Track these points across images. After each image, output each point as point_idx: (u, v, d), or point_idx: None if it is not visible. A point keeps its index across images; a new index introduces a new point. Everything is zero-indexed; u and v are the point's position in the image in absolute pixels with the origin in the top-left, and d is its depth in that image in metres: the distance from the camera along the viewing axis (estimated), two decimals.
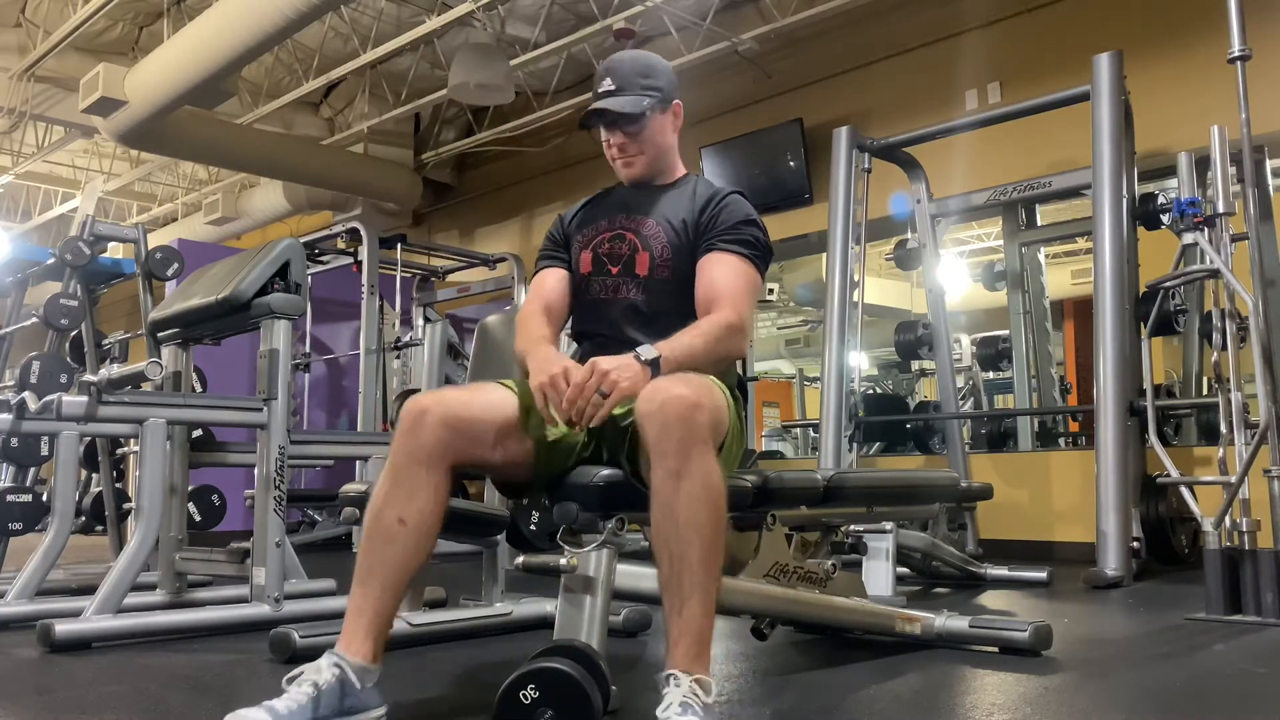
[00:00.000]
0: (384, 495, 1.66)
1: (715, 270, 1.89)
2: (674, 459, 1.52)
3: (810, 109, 6.50)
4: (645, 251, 1.95)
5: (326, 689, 1.54)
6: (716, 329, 1.78)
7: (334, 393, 7.72)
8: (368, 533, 1.66)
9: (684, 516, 1.52)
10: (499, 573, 2.79)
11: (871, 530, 3.23)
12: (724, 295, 1.84)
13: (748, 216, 1.95)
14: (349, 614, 1.63)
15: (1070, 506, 5.02)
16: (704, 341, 1.75)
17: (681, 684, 1.48)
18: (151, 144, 7.15)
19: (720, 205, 1.95)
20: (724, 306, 1.83)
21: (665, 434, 1.52)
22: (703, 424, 1.53)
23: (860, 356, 5.45)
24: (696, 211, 1.95)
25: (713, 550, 1.54)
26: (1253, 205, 3.22)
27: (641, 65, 1.98)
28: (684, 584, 1.52)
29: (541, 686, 1.48)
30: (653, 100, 1.95)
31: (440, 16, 6.09)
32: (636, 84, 1.94)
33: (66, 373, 3.88)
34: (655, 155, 2.00)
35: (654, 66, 2.00)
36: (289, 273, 2.89)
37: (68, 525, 3.08)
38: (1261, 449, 2.96)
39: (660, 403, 1.54)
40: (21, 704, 1.97)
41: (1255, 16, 3.46)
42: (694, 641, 1.51)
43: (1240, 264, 3.27)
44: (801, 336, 13.44)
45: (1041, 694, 1.97)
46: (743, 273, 1.89)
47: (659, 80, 1.97)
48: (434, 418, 1.66)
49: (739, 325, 1.81)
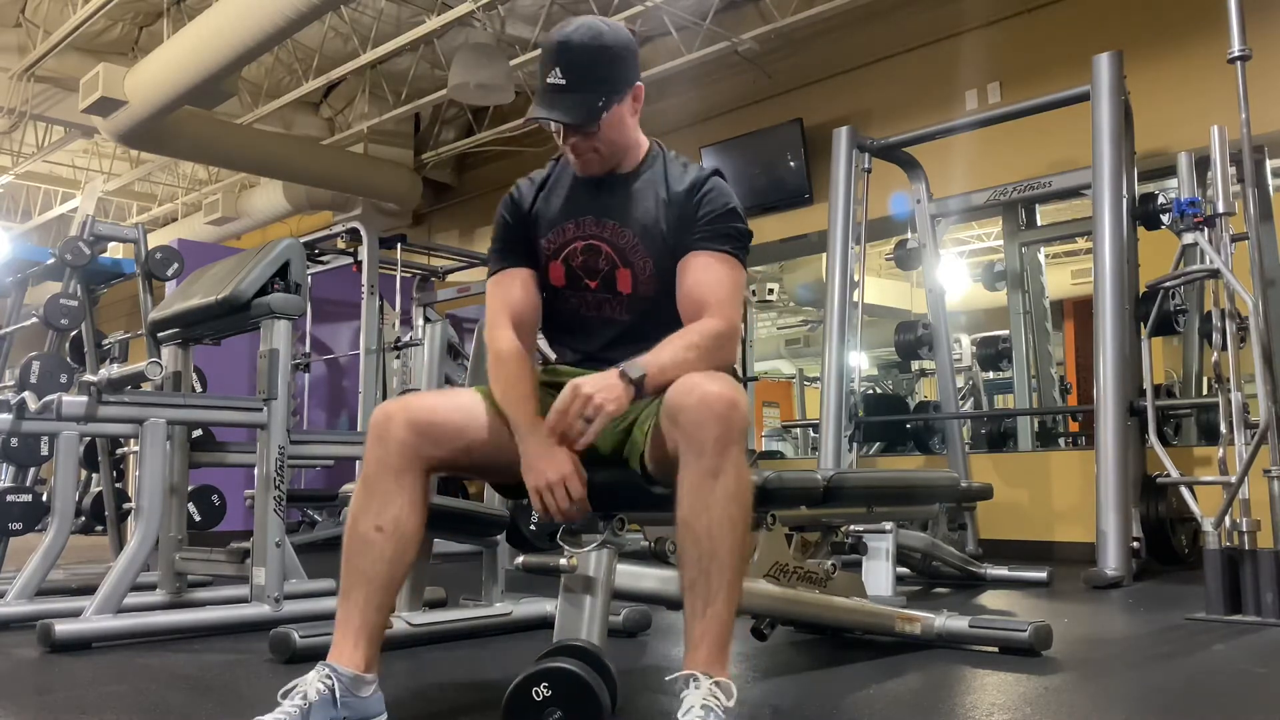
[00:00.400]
0: (359, 505, 1.65)
1: (701, 274, 1.75)
2: (711, 457, 1.49)
3: (810, 109, 6.50)
4: (626, 268, 1.80)
5: (317, 701, 1.54)
6: (707, 339, 1.68)
7: (334, 393, 7.71)
8: (346, 543, 1.65)
9: (718, 514, 1.49)
10: (499, 573, 2.79)
11: (871, 530, 3.23)
12: (712, 301, 1.73)
13: (729, 206, 1.78)
14: (337, 625, 1.63)
15: (1070, 506, 5.02)
16: (696, 354, 1.65)
17: (702, 686, 1.45)
18: (151, 144, 7.15)
19: (702, 196, 1.78)
20: (713, 313, 1.71)
21: (702, 431, 1.49)
22: (739, 421, 1.51)
23: (860, 356, 5.45)
24: (675, 205, 1.79)
25: (742, 549, 1.53)
26: (1253, 205, 3.22)
27: (595, 49, 1.72)
28: (713, 582, 1.50)
29: (553, 686, 1.47)
30: (608, 97, 1.73)
31: (440, 16, 6.10)
32: (590, 77, 1.71)
33: (66, 373, 3.88)
34: (613, 151, 1.80)
35: (609, 49, 1.74)
36: (289, 273, 2.89)
37: (68, 525, 3.08)
38: (1261, 449, 2.96)
39: (698, 399, 1.50)
40: (21, 704, 1.97)
41: (1255, 16, 3.46)
42: (716, 642, 1.49)
43: (1240, 264, 3.27)
44: (801, 336, 13.44)
45: (1041, 694, 1.97)
46: (729, 275, 1.76)
47: (616, 66, 1.75)
48: (400, 424, 1.64)
49: (730, 333, 1.72)
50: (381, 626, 1.65)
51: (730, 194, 1.80)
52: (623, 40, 1.76)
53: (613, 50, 1.74)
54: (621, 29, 1.78)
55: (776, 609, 2.23)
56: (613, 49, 1.74)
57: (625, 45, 1.77)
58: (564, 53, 1.72)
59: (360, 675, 1.59)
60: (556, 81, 1.71)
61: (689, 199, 1.78)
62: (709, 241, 1.76)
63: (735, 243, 1.78)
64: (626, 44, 1.77)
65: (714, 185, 1.80)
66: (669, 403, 1.54)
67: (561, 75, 1.71)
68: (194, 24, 5.81)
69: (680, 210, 1.78)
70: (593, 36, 1.73)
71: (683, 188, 1.80)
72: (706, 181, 1.80)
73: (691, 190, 1.79)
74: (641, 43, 6.73)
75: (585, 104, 1.71)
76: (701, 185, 1.79)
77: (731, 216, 1.78)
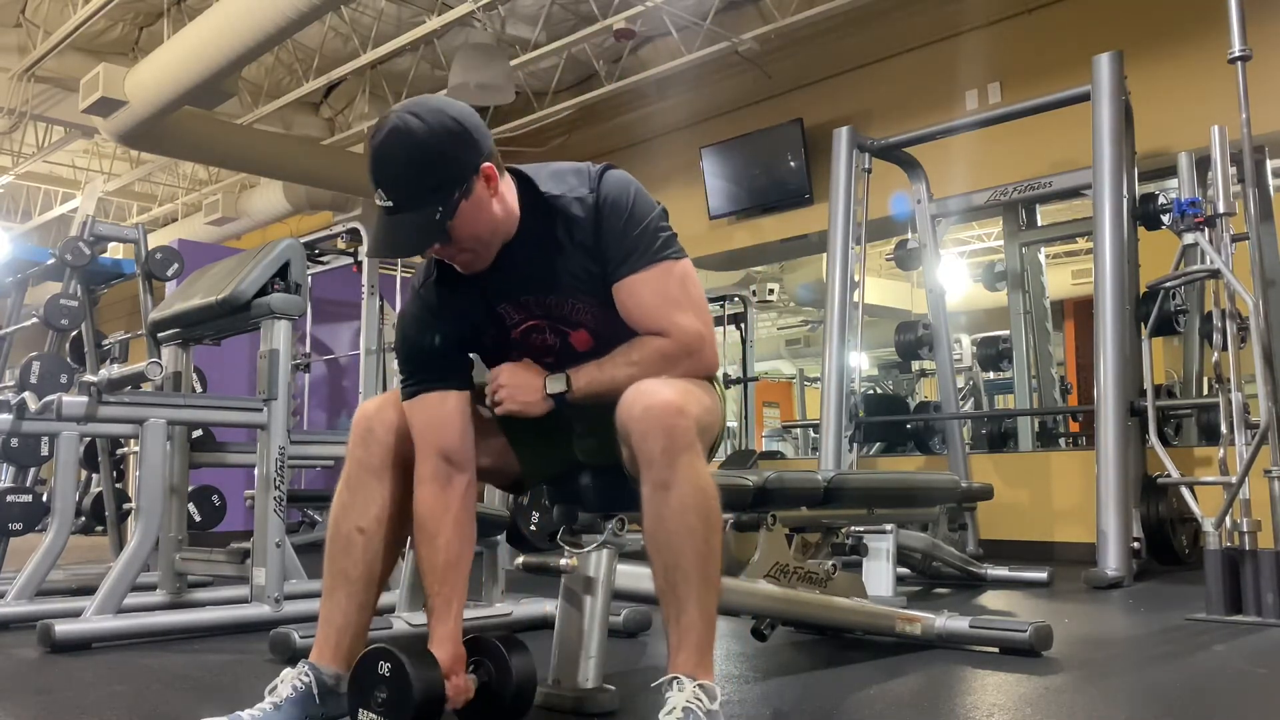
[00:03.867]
0: (341, 506, 1.65)
1: (633, 303, 1.57)
2: (660, 469, 1.45)
3: (810, 109, 6.50)
4: (577, 330, 1.64)
5: (292, 697, 1.56)
6: (650, 356, 1.55)
7: (334, 393, 7.71)
8: (329, 544, 1.66)
9: (674, 525, 1.46)
10: (499, 573, 2.79)
11: (872, 531, 3.23)
12: (658, 318, 1.57)
13: (628, 213, 1.57)
14: (320, 624, 1.64)
15: (1070, 507, 5.02)
16: (638, 370, 1.53)
17: (685, 688, 1.44)
18: (151, 144, 7.14)
19: (604, 221, 1.57)
20: (665, 329, 1.56)
21: (648, 443, 1.45)
22: (687, 429, 1.46)
23: (860, 357, 5.45)
24: (586, 242, 1.58)
25: (707, 556, 1.48)
26: (1253, 205, 3.22)
27: (411, 159, 1.47)
28: (679, 591, 1.47)
29: (391, 666, 1.49)
30: (444, 204, 1.48)
31: (440, 16, 6.09)
32: (418, 191, 1.48)
33: (66, 373, 3.88)
34: (487, 240, 1.57)
35: (429, 150, 1.47)
36: (289, 273, 2.89)
37: (68, 525, 3.08)
38: (1262, 449, 2.96)
39: (642, 409, 1.46)
40: (21, 704, 1.97)
41: (1255, 16, 3.46)
42: (696, 647, 1.47)
43: (1240, 264, 3.27)
44: (801, 336, 13.46)
45: (1042, 694, 1.97)
46: (659, 285, 1.57)
47: (443, 166, 1.48)
48: (380, 425, 1.65)
49: (682, 348, 1.56)
50: (364, 625, 1.66)
51: (624, 194, 1.58)
52: (445, 129, 1.48)
53: (434, 149, 1.47)
54: (444, 112, 1.50)
55: (777, 609, 2.22)
56: (433, 147, 1.47)
57: (449, 134, 1.49)
58: (379, 169, 1.49)
59: (341, 673, 1.60)
60: (385, 204, 1.49)
61: (597, 227, 1.57)
62: (626, 265, 1.57)
63: (653, 245, 1.58)
64: (450, 131, 1.49)
65: (613, 198, 1.58)
66: (618, 415, 1.49)
67: (387, 197, 1.48)
68: (194, 24, 5.81)
69: (594, 241, 1.58)
70: (404, 141, 1.47)
71: (586, 221, 1.58)
72: (604, 199, 1.57)
73: (595, 217, 1.57)
74: (641, 43, 6.74)
75: (422, 223, 1.49)
76: (601, 209, 1.57)
77: (634, 222, 1.57)
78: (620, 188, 1.59)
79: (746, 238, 7.02)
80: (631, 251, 1.57)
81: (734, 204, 6.92)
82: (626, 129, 7.62)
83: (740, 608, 2.20)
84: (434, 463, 1.60)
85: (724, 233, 7.10)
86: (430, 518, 1.60)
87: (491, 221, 1.56)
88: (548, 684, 1.76)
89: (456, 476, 1.62)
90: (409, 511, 1.64)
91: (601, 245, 1.58)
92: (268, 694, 1.58)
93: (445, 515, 1.60)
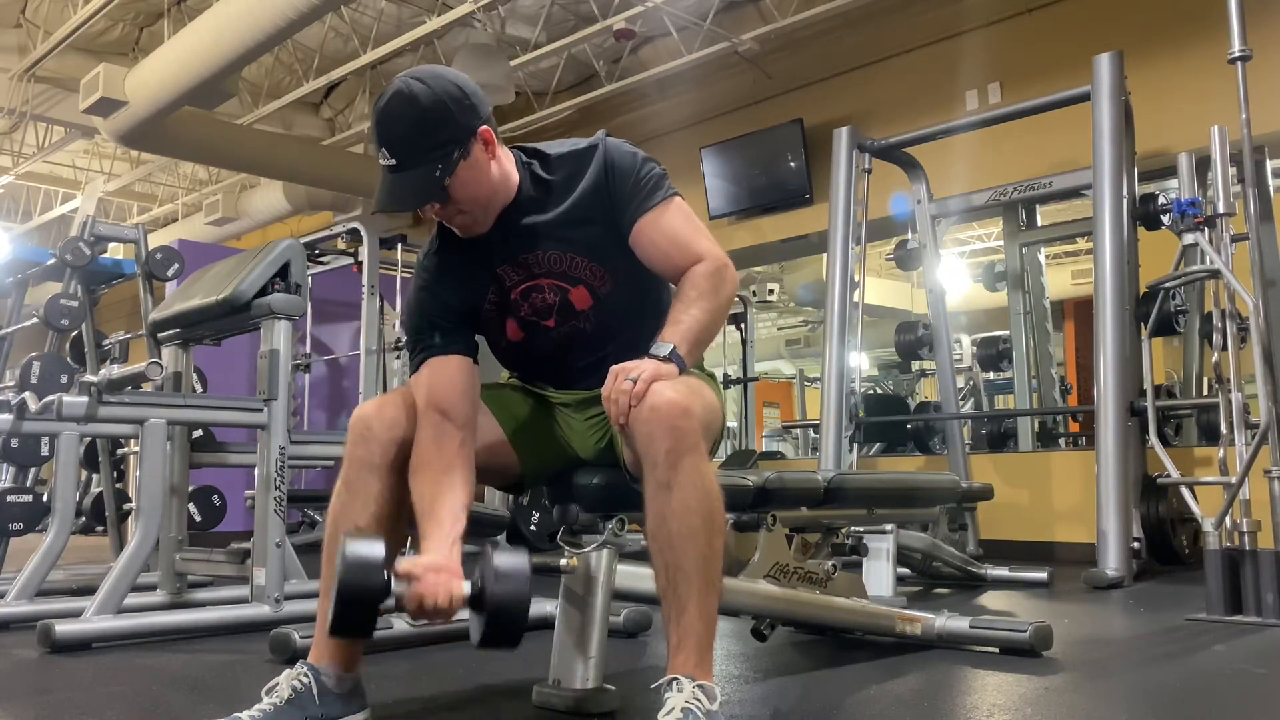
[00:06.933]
0: (339, 506, 1.65)
1: (659, 234, 1.66)
2: (663, 470, 1.46)
3: (810, 109, 6.50)
4: (577, 286, 1.70)
5: (291, 698, 1.56)
6: (707, 281, 1.62)
7: (334, 393, 7.71)
8: (327, 544, 1.65)
9: (676, 527, 1.47)
10: None
11: (872, 531, 3.23)
12: (688, 248, 1.65)
13: (635, 160, 1.69)
14: (318, 624, 1.64)
15: (1070, 507, 5.02)
16: (707, 301, 1.60)
17: (684, 689, 1.44)
18: (151, 144, 7.15)
19: (610, 175, 1.67)
20: (699, 254, 1.65)
21: (653, 444, 1.46)
22: (691, 430, 1.47)
23: (860, 357, 5.45)
24: (588, 198, 1.68)
25: (709, 557, 1.49)
26: (1253, 205, 3.22)
27: (415, 117, 1.57)
28: (680, 592, 1.47)
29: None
30: (444, 163, 1.57)
31: (440, 17, 6.10)
32: (418, 148, 1.57)
33: (67, 373, 3.88)
34: (485, 203, 1.66)
35: (430, 111, 1.57)
36: (289, 273, 2.89)
37: (68, 526, 3.08)
38: (1262, 449, 2.96)
39: (648, 410, 1.46)
40: (21, 704, 1.97)
41: (1255, 16, 3.46)
42: (695, 647, 1.47)
43: (1240, 264, 3.27)
44: (801, 337, 13.47)
45: (1042, 694, 1.97)
46: (680, 217, 1.68)
47: (444, 126, 1.57)
48: (379, 425, 1.64)
49: (718, 264, 1.65)
50: None
51: (625, 143, 1.72)
52: (446, 92, 1.58)
53: (434, 110, 1.57)
54: (444, 78, 1.61)
55: (777, 609, 2.22)
56: (433, 109, 1.57)
57: (449, 97, 1.58)
58: (383, 129, 1.58)
59: (340, 674, 1.61)
60: (388, 163, 1.58)
61: (604, 183, 1.68)
62: (645, 203, 1.66)
63: (663, 183, 1.69)
64: (450, 95, 1.58)
65: (616, 154, 1.69)
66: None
67: (390, 155, 1.58)
68: (194, 24, 5.81)
69: (596, 194, 1.68)
70: (407, 102, 1.57)
71: (591, 182, 1.68)
72: (606, 157, 1.69)
73: (604, 175, 1.68)
74: (641, 43, 6.74)
75: (423, 180, 1.58)
76: (605, 166, 1.68)
77: (644, 163, 1.70)
78: (615, 141, 1.71)
79: (746, 238, 7.02)
80: (646, 190, 1.67)
81: (734, 204, 6.92)
82: (626, 129, 7.62)
83: (740, 608, 2.20)
84: (431, 416, 1.63)
85: (724, 233, 7.09)
86: (423, 464, 1.60)
87: (489, 183, 1.65)
88: (548, 684, 1.77)
89: (453, 431, 1.62)
90: (407, 511, 1.63)
91: (612, 187, 1.67)
92: (266, 694, 1.58)
93: (438, 459, 1.60)
